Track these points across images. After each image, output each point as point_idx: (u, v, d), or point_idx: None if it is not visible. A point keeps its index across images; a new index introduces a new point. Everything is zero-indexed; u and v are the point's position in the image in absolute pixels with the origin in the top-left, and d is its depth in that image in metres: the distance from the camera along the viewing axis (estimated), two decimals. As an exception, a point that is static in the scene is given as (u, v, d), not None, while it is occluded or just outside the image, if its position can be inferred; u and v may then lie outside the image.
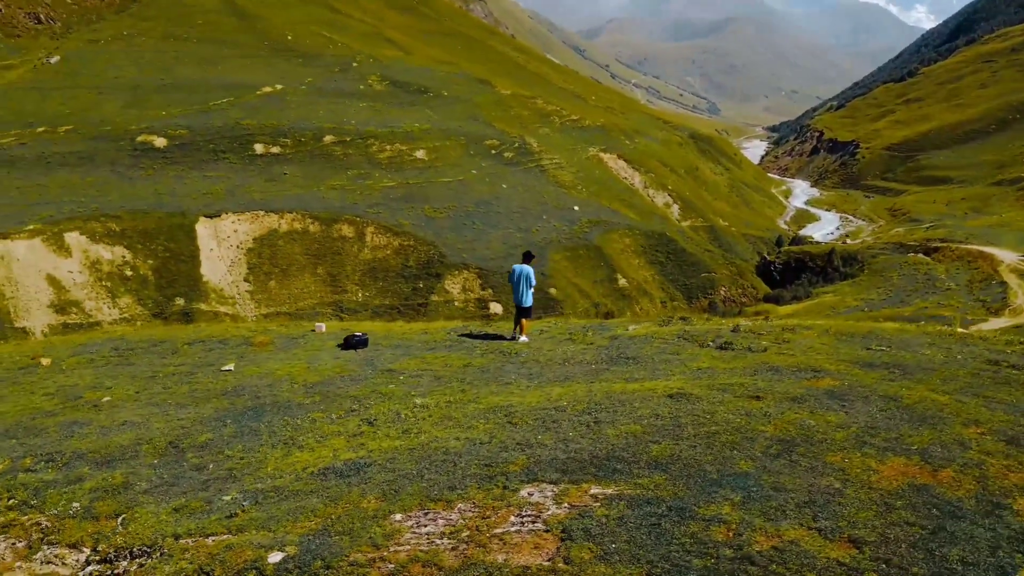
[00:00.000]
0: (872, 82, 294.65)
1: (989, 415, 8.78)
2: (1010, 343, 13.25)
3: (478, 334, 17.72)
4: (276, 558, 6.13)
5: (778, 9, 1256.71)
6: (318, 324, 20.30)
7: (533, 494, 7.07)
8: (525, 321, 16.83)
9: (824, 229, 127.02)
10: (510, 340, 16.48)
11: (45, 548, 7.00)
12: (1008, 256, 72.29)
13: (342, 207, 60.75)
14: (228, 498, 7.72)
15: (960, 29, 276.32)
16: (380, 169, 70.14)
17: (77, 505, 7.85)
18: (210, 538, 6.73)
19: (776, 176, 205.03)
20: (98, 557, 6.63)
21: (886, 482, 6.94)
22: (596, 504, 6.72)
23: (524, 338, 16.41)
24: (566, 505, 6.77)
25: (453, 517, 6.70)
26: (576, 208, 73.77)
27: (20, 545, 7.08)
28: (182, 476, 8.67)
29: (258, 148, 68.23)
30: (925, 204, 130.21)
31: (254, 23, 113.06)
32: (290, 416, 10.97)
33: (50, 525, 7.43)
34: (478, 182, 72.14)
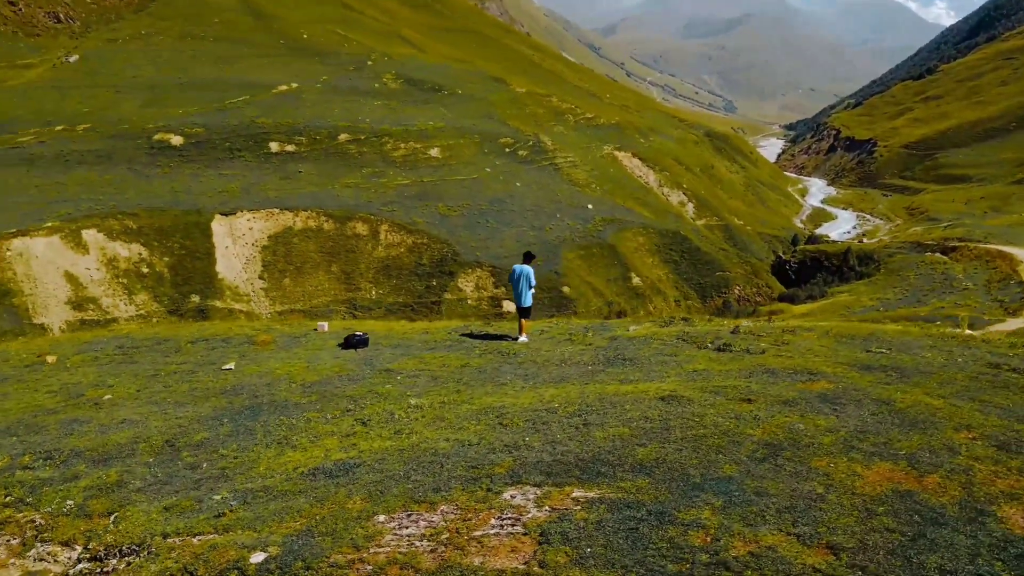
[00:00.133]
0: (890, 80, 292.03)
1: (983, 420, 8.71)
2: (1013, 346, 13.08)
3: (479, 334, 17.73)
4: (258, 558, 6.20)
5: (795, 6, 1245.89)
6: (320, 323, 20.38)
7: (516, 496, 7.11)
8: (525, 321, 16.87)
9: (841, 228, 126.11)
10: (511, 340, 16.53)
11: (39, 546, 7.10)
12: (1027, 256, 71.50)
13: (356, 205, 61.06)
14: (218, 497, 7.79)
15: (980, 26, 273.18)
16: (394, 167, 70.40)
17: (71, 503, 7.95)
18: (197, 537, 6.81)
19: (792, 174, 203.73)
20: (89, 555, 6.73)
21: (870, 488, 6.90)
22: (577, 507, 6.74)
23: (524, 338, 16.46)
24: (547, 508, 6.80)
25: (435, 519, 6.76)
26: (590, 206, 73.70)
27: (15, 542, 7.19)
28: (176, 475, 8.75)
29: (273, 146, 68.68)
30: (943, 203, 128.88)
31: (270, 22, 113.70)
32: (286, 415, 11.05)
33: (44, 523, 7.54)
34: (492, 180, 72.22)
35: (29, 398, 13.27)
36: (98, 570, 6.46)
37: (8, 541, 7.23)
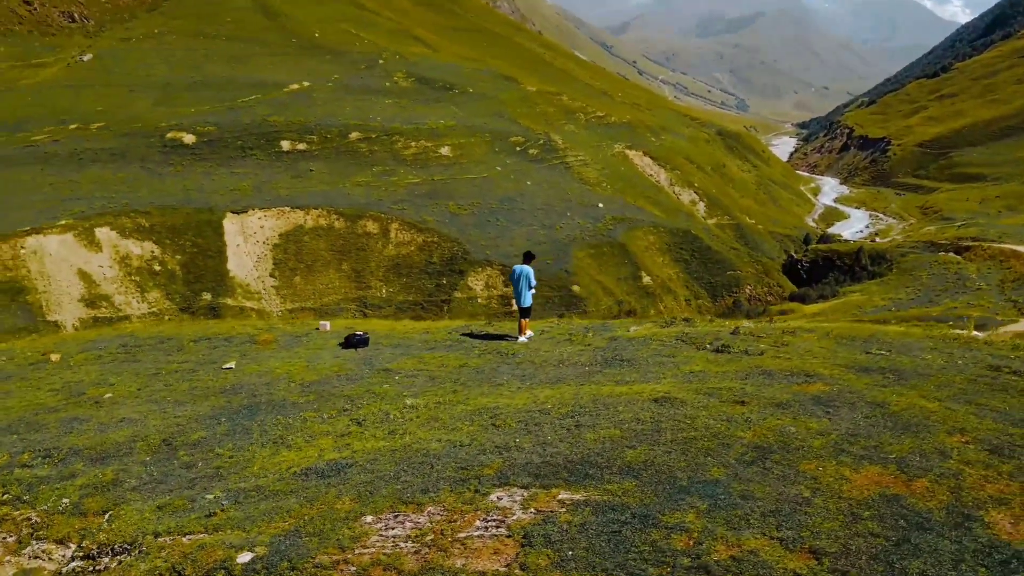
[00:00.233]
0: (905, 78, 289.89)
1: (977, 423, 8.62)
2: (1016, 348, 12.93)
3: (479, 334, 17.75)
4: (245, 558, 6.24)
5: (809, 3, 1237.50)
6: (322, 322, 20.39)
7: (502, 498, 7.11)
8: (524, 321, 16.93)
9: (853, 227, 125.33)
10: (512, 340, 16.60)
11: (34, 543, 7.17)
12: (1042, 255, 70.91)
13: (367, 203, 61.27)
14: (211, 497, 7.84)
15: (996, 23, 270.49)
16: (405, 166, 70.57)
17: (67, 501, 8.01)
18: (187, 537, 6.86)
19: (805, 173, 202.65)
20: (82, 553, 6.79)
21: (857, 491, 6.85)
22: (562, 510, 6.73)
23: (524, 338, 16.53)
24: (532, 510, 6.80)
25: (421, 520, 6.78)
26: (600, 205, 73.64)
27: (11, 540, 7.27)
28: (171, 474, 8.80)
29: (285, 145, 68.99)
30: (958, 202, 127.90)
31: (282, 21, 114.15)
32: (283, 415, 11.08)
33: (40, 520, 7.60)
34: (503, 179, 72.28)
35: (31, 396, 13.39)
36: (90, 568, 6.52)
37: (4, 539, 7.30)
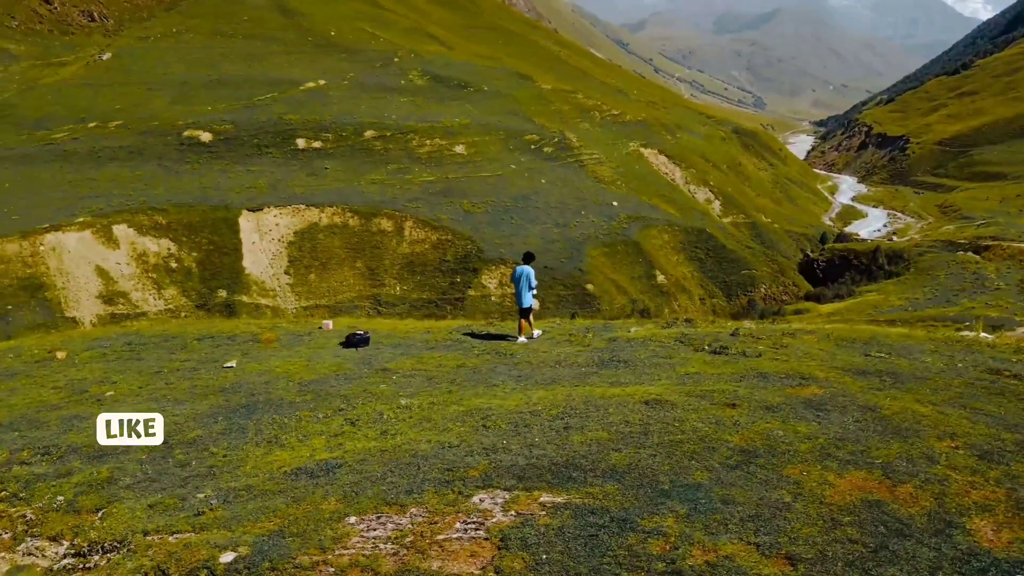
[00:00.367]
0: (924, 75, 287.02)
1: (969, 428, 8.50)
2: (1019, 351, 12.79)
3: (480, 334, 17.78)
4: (228, 558, 6.29)
5: (827, 0, 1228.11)
6: (325, 321, 20.40)
7: (484, 500, 7.12)
8: (524, 322, 17.01)
9: (871, 226, 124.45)
10: (512, 340, 16.71)
11: (28, 540, 7.24)
12: (1062, 256, 70.15)
13: (381, 201, 61.53)
14: (201, 496, 7.89)
15: (1018, 19, 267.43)
16: (420, 164, 70.80)
17: (61, 499, 8.08)
18: (174, 536, 6.90)
19: (822, 172, 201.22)
20: (73, 551, 6.90)
21: (839, 497, 6.77)
22: (542, 513, 6.72)
23: (523, 339, 16.59)
24: (512, 513, 6.79)
25: (403, 522, 6.80)
26: (615, 204, 73.56)
27: (6, 536, 7.36)
28: (165, 472, 8.84)
29: (300, 143, 69.43)
30: (977, 201, 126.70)
31: (298, 20, 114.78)
32: (279, 414, 11.12)
33: (35, 517, 7.68)
34: (517, 177, 72.34)
35: (35, 393, 13.49)
36: (80, 566, 6.59)
37: (0, 535, 7.40)
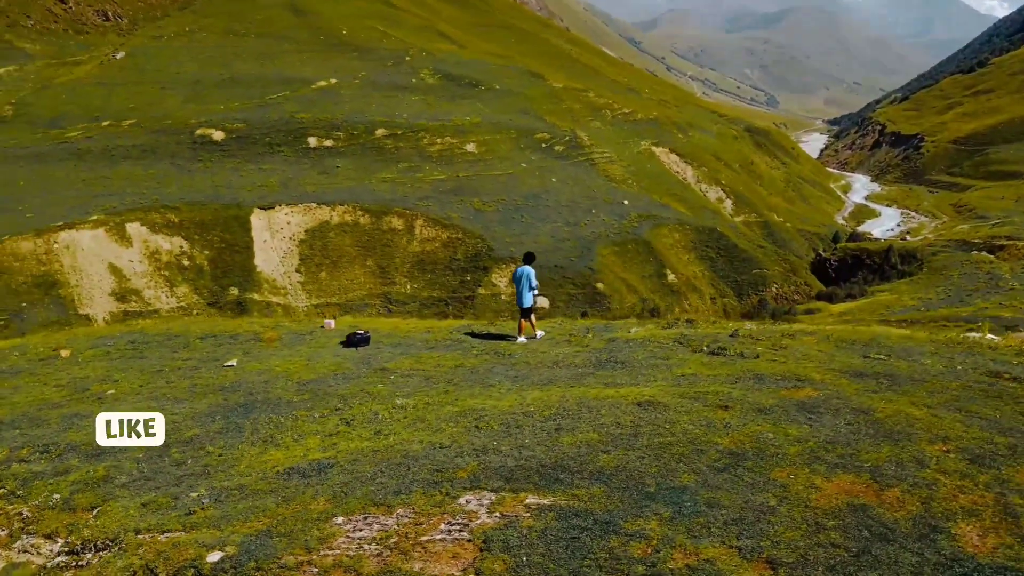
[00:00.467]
0: (939, 73, 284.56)
1: (962, 431, 8.38)
2: (1019, 354, 12.59)
3: (480, 333, 17.78)
4: (215, 558, 6.31)
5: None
6: (327, 320, 20.42)
7: (470, 502, 7.13)
8: (524, 322, 16.96)
9: (884, 225, 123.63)
10: (511, 340, 16.68)
11: (24, 537, 7.26)
12: (1078, 255, 69.41)
13: (392, 200, 61.59)
14: (194, 495, 7.90)
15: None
16: (430, 162, 70.84)
17: (58, 496, 8.11)
18: (164, 535, 6.91)
19: (835, 170, 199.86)
20: (67, 549, 6.91)
21: (825, 500, 6.70)
22: (526, 514, 6.72)
23: (523, 339, 16.55)
24: (497, 514, 6.80)
25: (389, 523, 6.80)
26: (626, 202, 73.33)
27: (3, 534, 7.39)
28: (160, 471, 8.84)
29: (312, 141, 69.62)
30: (992, 200, 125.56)
31: (310, 18, 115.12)
32: (276, 414, 11.12)
33: (31, 515, 7.71)
34: (528, 175, 72.26)
35: (37, 391, 13.55)
36: (73, 563, 6.60)
37: None
